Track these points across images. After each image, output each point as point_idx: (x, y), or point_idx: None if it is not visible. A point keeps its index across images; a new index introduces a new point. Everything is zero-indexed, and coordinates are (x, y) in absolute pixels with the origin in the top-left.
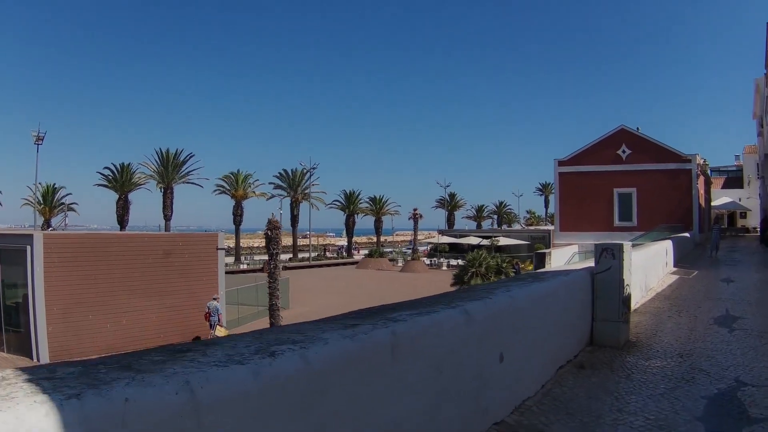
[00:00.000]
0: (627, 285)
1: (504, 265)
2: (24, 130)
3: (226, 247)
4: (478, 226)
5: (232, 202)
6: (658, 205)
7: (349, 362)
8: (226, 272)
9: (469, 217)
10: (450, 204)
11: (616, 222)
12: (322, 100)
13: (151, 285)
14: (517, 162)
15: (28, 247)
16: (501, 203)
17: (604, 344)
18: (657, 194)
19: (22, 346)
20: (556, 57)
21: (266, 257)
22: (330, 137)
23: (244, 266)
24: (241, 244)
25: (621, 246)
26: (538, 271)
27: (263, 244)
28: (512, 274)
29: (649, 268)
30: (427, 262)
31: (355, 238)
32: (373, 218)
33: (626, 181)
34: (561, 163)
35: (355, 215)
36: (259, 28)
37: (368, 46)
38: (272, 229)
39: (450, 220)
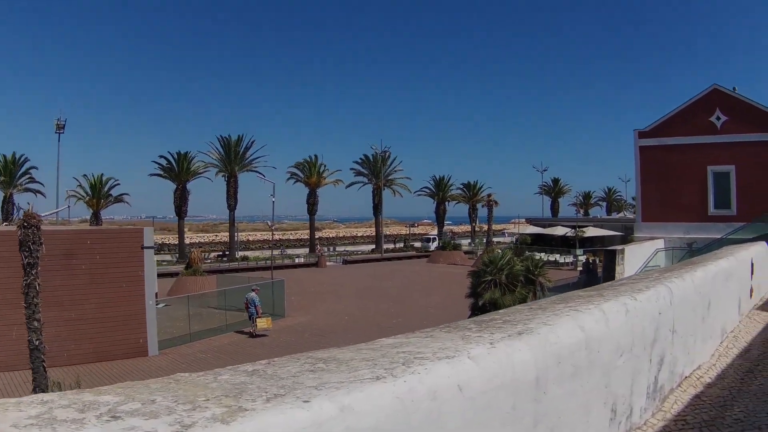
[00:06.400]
0: None
1: (537, 270)
2: (70, 120)
3: (156, 245)
4: (585, 213)
5: (306, 191)
6: (763, 188)
7: None
8: (291, 266)
9: (575, 205)
10: (554, 190)
11: (712, 210)
12: (409, 83)
13: (48, 293)
14: (627, 147)
15: None
16: (610, 189)
17: None
18: (761, 173)
19: None
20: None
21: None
22: (420, 124)
23: (300, 260)
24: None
25: None
26: None
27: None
28: (549, 283)
29: (695, 325)
30: None
31: (454, 227)
32: (467, 206)
33: (722, 156)
34: (642, 135)
35: (446, 203)
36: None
37: (457, 31)
38: (26, 226)
39: (554, 208)
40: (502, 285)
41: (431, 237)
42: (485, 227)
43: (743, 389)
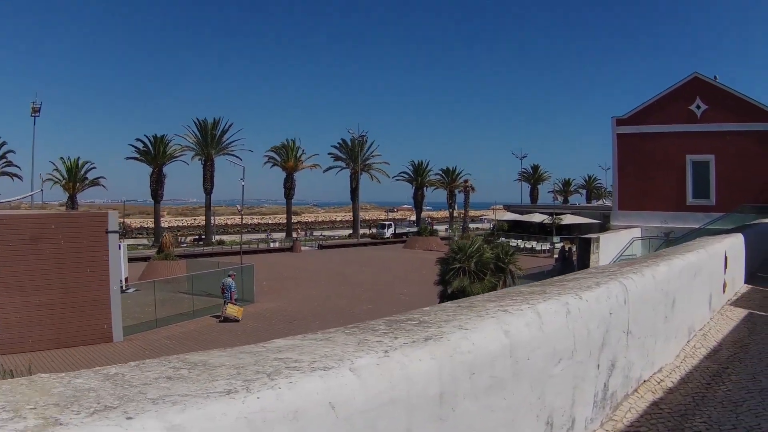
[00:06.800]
0: None
1: (508, 258)
2: (51, 104)
3: (121, 229)
4: (565, 201)
5: (283, 175)
6: (743, 178)
7: None
8: (268, 250)
9: (554, 191)
10: (533, 177)
11: (690, 199)
12: (388, 69)
13: (12, 278)
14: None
15: None
16: (590, 177)
17: None
18: (741, 163)
19: None
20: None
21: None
22: (400, 109)
23: (276, 244)
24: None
25: None
26: None
27: (338, 218)
28: (520, 271)
29: (656, 325)
30: None
31: (433, 213)
32: (446, 192)
33: (702, 145)
34: (620, 122)
35: (424, 188)
36: None
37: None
38: None
39: (533, 195)
40: (471, 273)
41: (386, 223)
42: (461, 212)
43: (708, 395)
